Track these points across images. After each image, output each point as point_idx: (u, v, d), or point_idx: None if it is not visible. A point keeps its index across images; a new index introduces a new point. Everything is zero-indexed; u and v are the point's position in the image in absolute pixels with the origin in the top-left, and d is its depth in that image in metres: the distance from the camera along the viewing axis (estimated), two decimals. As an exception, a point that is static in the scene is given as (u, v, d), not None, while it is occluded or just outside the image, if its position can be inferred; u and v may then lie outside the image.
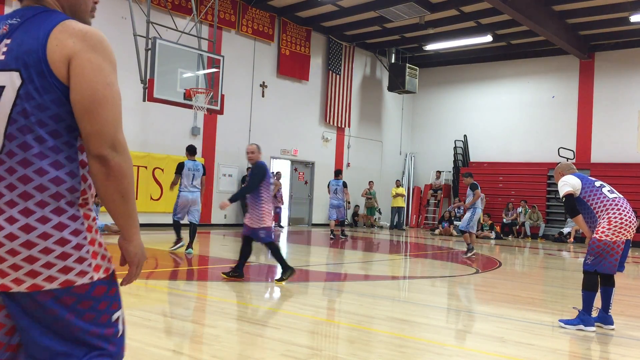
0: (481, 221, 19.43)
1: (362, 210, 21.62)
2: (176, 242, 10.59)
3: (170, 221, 10.99)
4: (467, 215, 11.81)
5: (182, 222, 10.63)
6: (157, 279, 7.42)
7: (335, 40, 20.86)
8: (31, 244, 1.55)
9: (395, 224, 21.10)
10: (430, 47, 21.36)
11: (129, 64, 13.92)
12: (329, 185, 15.82)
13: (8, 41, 1.62)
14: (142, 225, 8.82)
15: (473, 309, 6.45)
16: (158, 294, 6.36)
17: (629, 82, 19.85)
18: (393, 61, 22.21)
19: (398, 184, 21.33)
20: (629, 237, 5.44)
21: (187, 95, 12.68)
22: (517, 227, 19.79)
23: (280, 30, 18.92)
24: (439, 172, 22.99)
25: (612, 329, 5.42)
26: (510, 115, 22.22)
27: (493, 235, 18.88)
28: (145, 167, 14.85)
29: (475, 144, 22.95)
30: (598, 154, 20.26)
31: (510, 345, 4.67)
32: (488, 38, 19.59)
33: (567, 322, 5.49)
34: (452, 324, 5.69)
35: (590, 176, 6.08)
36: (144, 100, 12.67)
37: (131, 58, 13.32)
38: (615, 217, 5.38)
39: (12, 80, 1.58)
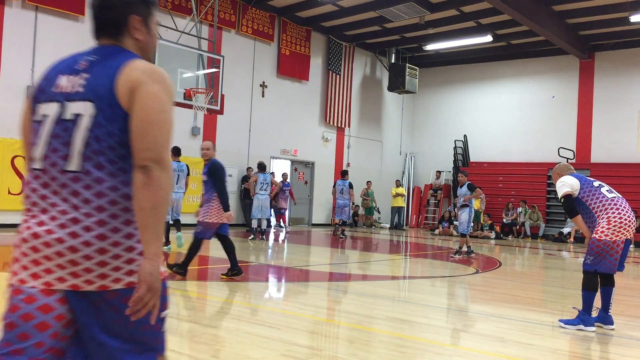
0: (481, 221, 19.44)
1: (361, 210, 21.62)
2: (165, 244, 10.65)
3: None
4: (465, 217, 11.78)
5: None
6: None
7: (335, 40, 20.87)
8: (104, 250, 1.79)
9: (395, 224, 21.10)
10: (430, 47, 21.36)
11: (129, 64, 13.92)
12: (334, 185, 16.02)
13: (87, 75, 1.87)
14: None
15: (473, 309, 6.45)
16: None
17: (629, 82, 19.85)
18: (393, 61, 22.21)
19: (398, 184, 21.33)
20: (629, 237, 5.44)
21: (187, 95, 12.68)
22: (517, 227, 19.79)
23: (280, 30, 18.92)
24: (439, 172, 22.99)
25: (612, 329, 5.42)
26: (510, 115, 22.22)
27: (493, 235, 18.88)
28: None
29: (475, 144, 22.95)
30: (598, 154, 20.26)
31: (510, 345, 4.67)
32: (488, 38, 19.58)
33: (567, 322, 5.49)
34: (452, 324, 5.68)
35: (589, 176, 6.08)
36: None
37: (131, 58, 13.32)
38: (614, 217, 5.37)
39: (87, 109, 1.82)
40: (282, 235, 15.86)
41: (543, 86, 21.61)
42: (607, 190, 5.62)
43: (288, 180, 17.76)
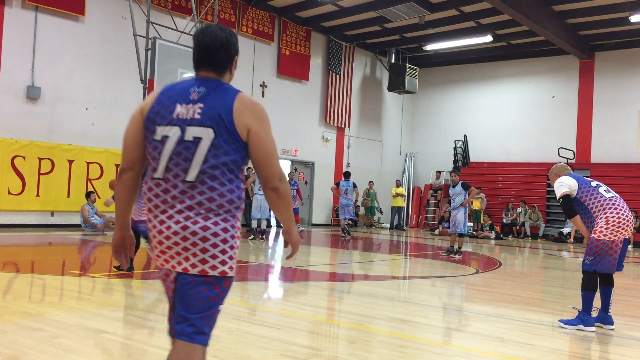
0: (481, 221, 19.45)
1: (362, 211, 21.62)
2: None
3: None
4: (462, 217, 11.74)
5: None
6: (157, 279, 7.41)
7: (335, 40, 20.87)
8: (206, 239, 2.28)
9: (395, 224, 21.10)
10: (430, 47, 21.36)
11: (129, 64, 13.93)
12: (338, 186, 16.25)
13: (201, 105, 2.34)
14: None
15: (473, 309, 6.44)
16: (158, 294, 6.35)
17: (629, 82, 19.85)
18: (393, 61, 22.21)
19: (398, 184, 21.33)
20: (627, 236, 5.45)
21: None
22: (517, 227, 19.79)
23: (280, 30, 18.93)
24: (439, 172, 22.98)
25: (612, 329, 5.43)
26: (510, 115, 22.21)
27: (493, 235, 18.88)
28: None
29: (475, 144, 22.95)
30: (598, 154, 20.26)
31: (510, 345, 4.67)
32: (488, 38, 19.59)
33: (567, 322, 5.49)
34: (452, 324, 5.68)
35: (589, 176, 6.11)
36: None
37: (131, 58, 13.33)
38: (612, 217, 5.38)
39: (207, 134, 2.30)
40: (282, 235, 15.86)
41: (543, 86, 21.61)
42: (604, 190, 5.62)
43: (294, 179, 17.84)
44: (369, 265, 10.56)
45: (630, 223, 5.45)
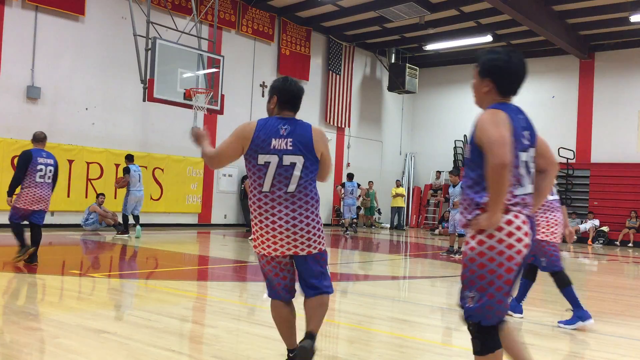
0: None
1: (361, 211, 21.62)
2: (123, 233, 12.46)
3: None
4: (460, 217, 11.70)
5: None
6: (157, 279, 7.42)
7: (335, 40, 20.87)
8: (307, 232, 3.45)
9: (395, 224, 21.09)
10: (430, 47, 21.35)
11: (129, 64, 13.93)
12: (343, 186, 17.11)
13: (291, 139, 3.42)
14: (141, 225, 8.81)
15: (473, 309, 6.43)
16: (158, 294, 6.36)
17: (629, 82, 19.84)
18: (393, 61, 22.21)
19: (398, 184, 21.33)
20: (559, 240, 5.89)
21: (187, 95, 12.67)
22: (517, 227, 19.76)
23: (280, 30, 18.93)
24: (439, 172, 22.98)
25: (521, 317, 5.78)
26: (510, 115, 22.18)
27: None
28: (145, 167, 14.85)
29: (475, 144, 22.92)
30: (598, 154, 20.25)
31: (510, 345, 4.66)
32: (488, 38, 19.58)
33: (566, 322, 5.52)
34: (452, 324, 5.68)
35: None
36: (144, 100, 12.67)
37: (131, 58, 13.32)
38: (553, 218, 5.77)
39: (300, 159, 3.43)
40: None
41: (543, 86, 21.60)
42: (557, 192, 5.98)
43: None
44: (369, 265, 10.56)
45: (562, 224, 5.86)
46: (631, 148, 19.64)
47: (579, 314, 5.47)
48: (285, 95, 3.53)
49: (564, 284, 5.61)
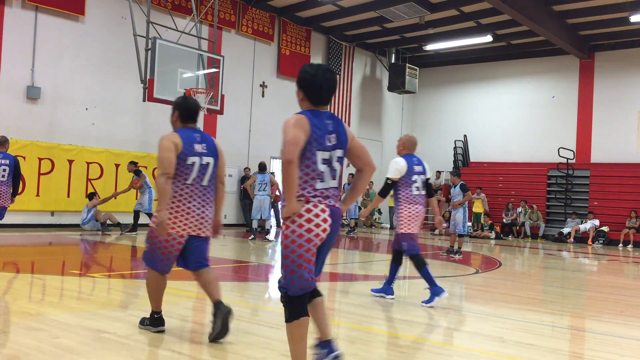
0: (481, 221, 19.44)
1: (362, 211, 21.63)
2: (132, 230, 13.17)
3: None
4: (460, 217, 11.75)
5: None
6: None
7: (335, 40, 20.86)
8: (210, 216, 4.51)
9: (394, 224, 21.11)
10: (430, 47, 21.35)
11: (129, 64, 13.93)
12: (343, 187, 17.00)
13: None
14: (141, 225, 8.86)
15: (473, 309, 6.44)
16: (158, 294, 6.35)
17: (629, 82, 19.84)
18: (393, 61, 22.21)
19: (396, 184, 21.33)
20: (417, 231, 6.39)
21: (187, 95, 12.66)
22: (517, 227, 19.79)
23: (280, 30, 18.93)
24: (439, 172, 22.97)
25: (393, 299, 6.35)
26: (510, 115, 22.21)
27: (493, 235, 18.88)
28: (145, 167, 14.84)
29: (475, 144, 22.95)
30: (598, 154, 20.25)
31: (510, 345, 4.67)
32: (488, 38, 19.58)
33: (426, 301, 6.13)
34: (452, 324, 5.68)
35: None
36: (144, 100, 12.67)
37: (131, 58, 13.32)
38: (414, 211, 6.30)
39: (212, 160, 4.40)
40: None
41: (543, 86, 21.61)
42: (416, 187, 6.34)
43: None
44: (369, 265, 10.56)
45: (421, 218, 6.37)
46: (631, 148, 19.63)
47: (434, 291, 6.11)
48: (186, 110, 4.46)
49: (419, 265, 6.25)
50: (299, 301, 3.26)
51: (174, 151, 4.23)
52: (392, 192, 6.57)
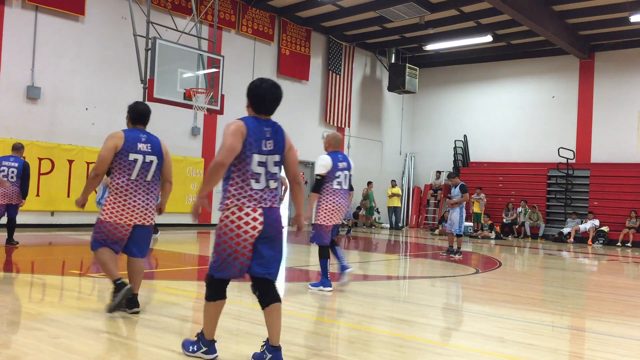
0: (481, 221, 19.44)
1: (361, 211, 21.63)
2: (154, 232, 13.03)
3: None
4: (456, 216, 11.73)
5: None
6: (157, 279, 7.42)
7: (335, 40, 20.86)
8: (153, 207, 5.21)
9: (393, 223, 21.12)
10: (430, 47, 21.36)
11: (129, 64, 13.93)
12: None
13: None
14: (159, 225, 8.57)
15: (473, 309, 6.45)
16: (158, 294, 6.36)
17: (629, 82, 19.85)
18: (393, 61, 22.21)
19: (393, 184, 21.37)
20: (338, 222, 6.82)
21: (187, 95, 12.67)
22: (517, 227, 19.79)
23: (280, 30, 18.93)
24: (438, 172, 22.98)
25: (331, 291, 6.73)
26: (510, 115, 22.22)
27: (493, 235, 18.88)
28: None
29: (475, 144, 22.95)
30: (598, 154, 20.26)
31: (510, 345, 4.67)
32: (488, 38, 19.59)
33: (313, 284, 6.79)
34: (452, 324, 5.68)
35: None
36: (143, 100, 12.66)
37: (131, 58, 13.33)
38: (335, 203, 6.68)
39: (155, 158, 5.08)
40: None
41: (543, 86, 21.61)
42: (337, 182, 6.69)
43: (305, 179, 18.16)
44: (369, 265, 10.56)
45: (344, 210, 6.79)
46: (631, 148, 19.63)
47: (324, 282, 6.72)
48: (135, 113, 5.17)
49: (322, 256, 6.78)
50: (220, 285, 3.73)
51: (113, 151, 4.90)
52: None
